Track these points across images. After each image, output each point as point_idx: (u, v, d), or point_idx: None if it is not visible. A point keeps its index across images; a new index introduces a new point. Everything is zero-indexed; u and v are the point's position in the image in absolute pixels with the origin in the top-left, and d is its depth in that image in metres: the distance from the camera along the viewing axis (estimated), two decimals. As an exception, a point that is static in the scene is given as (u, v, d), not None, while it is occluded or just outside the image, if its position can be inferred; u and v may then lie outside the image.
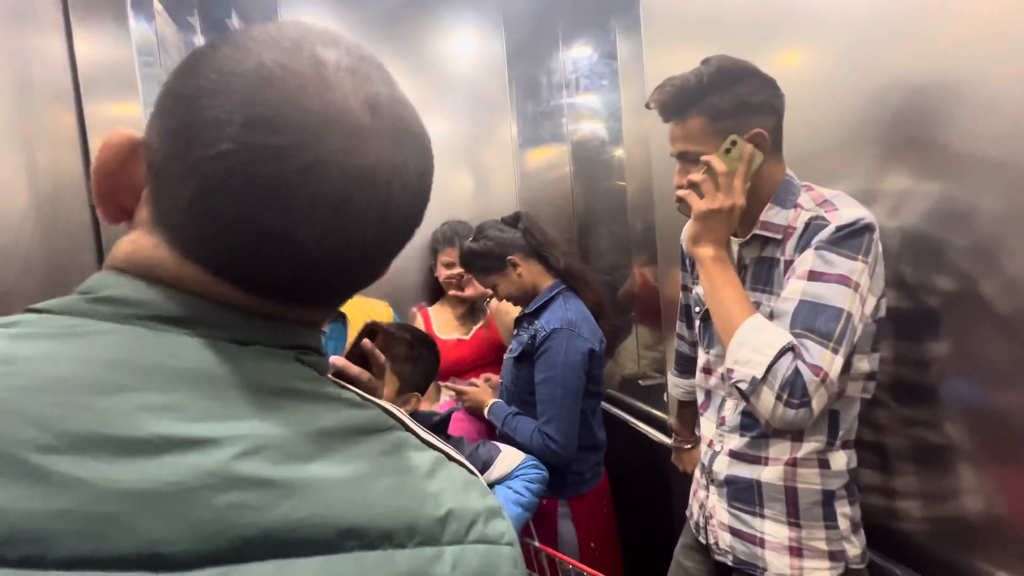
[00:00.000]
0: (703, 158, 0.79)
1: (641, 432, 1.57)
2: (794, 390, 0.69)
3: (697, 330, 1.02)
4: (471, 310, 1.79)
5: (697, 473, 1.02)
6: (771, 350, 0.71)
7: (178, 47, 1.48)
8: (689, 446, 1.23)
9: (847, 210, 0.76)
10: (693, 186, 0.79)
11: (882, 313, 0.80)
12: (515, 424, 1.27)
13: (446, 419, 1.17)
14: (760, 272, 0.85)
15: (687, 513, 1.04)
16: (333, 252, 0.30)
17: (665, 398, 1.51)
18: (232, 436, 0.26)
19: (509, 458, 1.12)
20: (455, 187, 2.06)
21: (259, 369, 0.29)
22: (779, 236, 0.82)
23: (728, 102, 0.79)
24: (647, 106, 0.86)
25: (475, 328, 1.77)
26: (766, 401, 0.71)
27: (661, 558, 1.10)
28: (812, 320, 0.72)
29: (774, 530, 0.84)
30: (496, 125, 2.08)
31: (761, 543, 0.85)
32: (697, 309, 1.00)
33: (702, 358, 0.98)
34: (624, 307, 1.88)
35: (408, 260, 1.96)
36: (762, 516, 0.85)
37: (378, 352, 0.69)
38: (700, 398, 1.00)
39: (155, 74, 1.27)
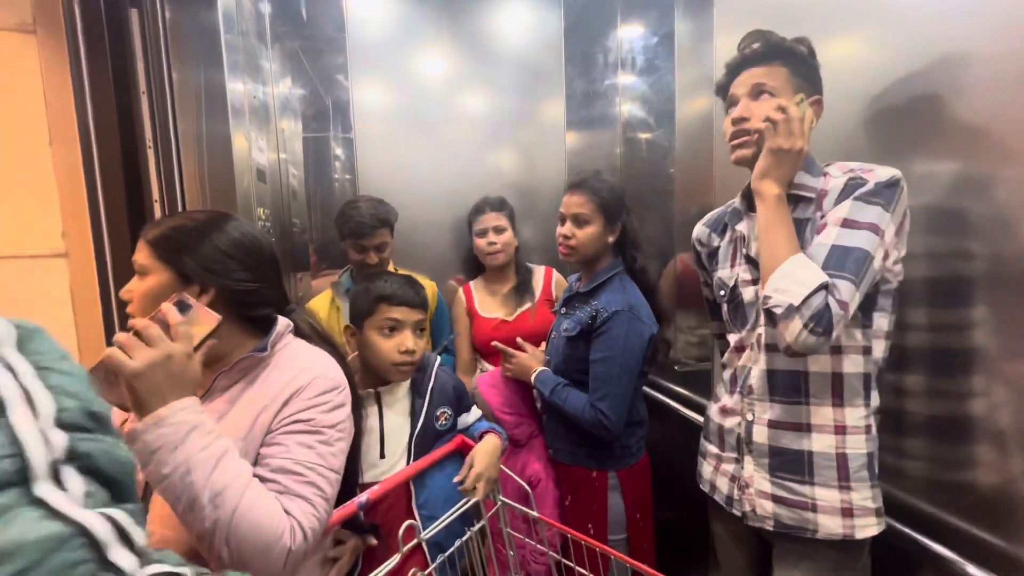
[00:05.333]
0: (780, 102, 0.89)
1: (678, 413, 1.60)
2: (821, 321, 0.80)
3: (725, 313, 1.06)
4: (517, 290, 1.77)
5: (714, 448, 1.07)
6: (811, 283, 0.81)
7: (252, 13, 1.51)
8: None
9: (882, 169, 0.87)
10: (773, 124, 0.87)
11: (901, 276, 0.88)
12: (565, 395, 1.30)
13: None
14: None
15: (703, 487, 1.09)
16: None
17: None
18: None
19: (477, 413, 1.24)
20: (502, 162, 2.07)
21: None
22: (812, 196, 0.92)
23: (808, 68, 0.94)
24: (739, 47, 0.97)
25: (520, 310, 1.75)
26: (793, 328, 0.81)
27: (692, 534, 1.15)
28: (843, 262, 0.82)
29: (826, 495, 0.89)
30: (547, 102, 2.07)
31: (813, 508, 0.90)
32: (722, 293, 1.05)
33: (734, 338, 1.03)
34: (665, 293, 1.89)
35: (443, 236, 2.01)
36: (812, 483, 0.90)
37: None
38: (726, 375, 1.06)
39: (233, 40, 1.30)
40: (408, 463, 1.08)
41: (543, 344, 1.53)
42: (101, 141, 1.07)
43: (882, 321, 0.89)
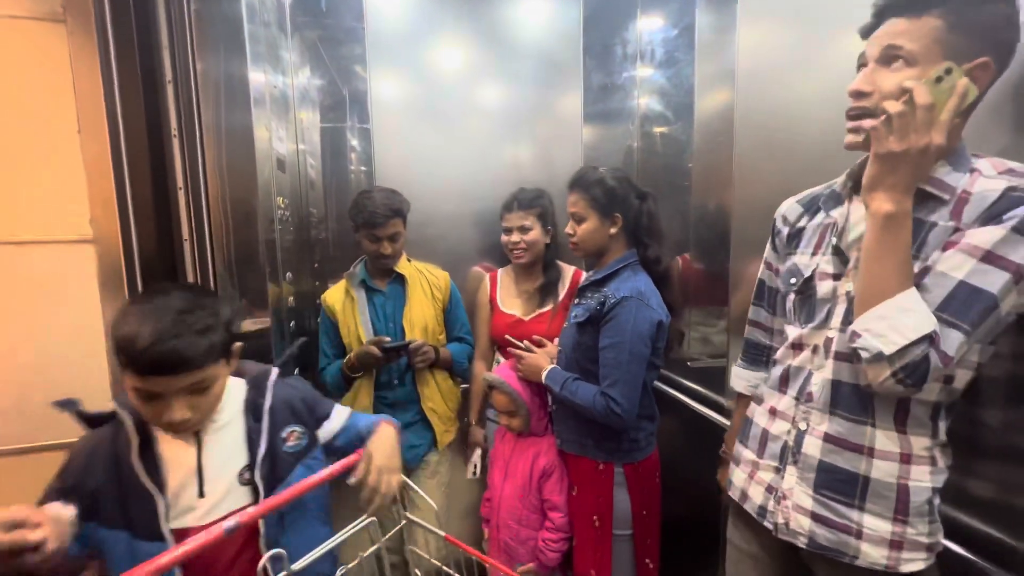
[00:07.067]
0: (907, 81, 0.69)
1: (691, 409, 1.60)
2: (914, 373, 0.69)
3: (791, 304, 0.93)
4: (541, 290, 1.75)
5: (751, 454, 0.96)
6: (912, 334, 0.68)
7: (273, 2, 1.52)
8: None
9: None
10: (886, 120, 0.68)
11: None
12: (575, 388, 1.31)
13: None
14: None
15: (733, 495, 0.99)
16: None
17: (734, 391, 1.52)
18: None
19: (342, 414, 1.06)
20: (518, 155, 2.07)
21: None
22: (947, 197, 0.73)
23: (977, 17, 0.67)
24: None
25: (539, 311, 1.73)
26: (879, 373, 0.71)
27: (701, 535, 1.14)
28: (966, 310, 0.68)
29: (875, 524, 0.79)
30: (564, 94, 2.06)
31: (858, 534, 0.80)
32: (793, 281, 0.92)
33: (793, 333, 0.91)
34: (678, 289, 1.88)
35: (459, 227, 2.01)
36: (861, 509, 0.80)
37: None
38: (776, 373, 0.94)
39: (255, 31, 1.31)
40: (255, 498, 0.90)
41: (556, 340, 1.54)
42: (128, 130, 1.09)
43: (976, 352, 0.74)
